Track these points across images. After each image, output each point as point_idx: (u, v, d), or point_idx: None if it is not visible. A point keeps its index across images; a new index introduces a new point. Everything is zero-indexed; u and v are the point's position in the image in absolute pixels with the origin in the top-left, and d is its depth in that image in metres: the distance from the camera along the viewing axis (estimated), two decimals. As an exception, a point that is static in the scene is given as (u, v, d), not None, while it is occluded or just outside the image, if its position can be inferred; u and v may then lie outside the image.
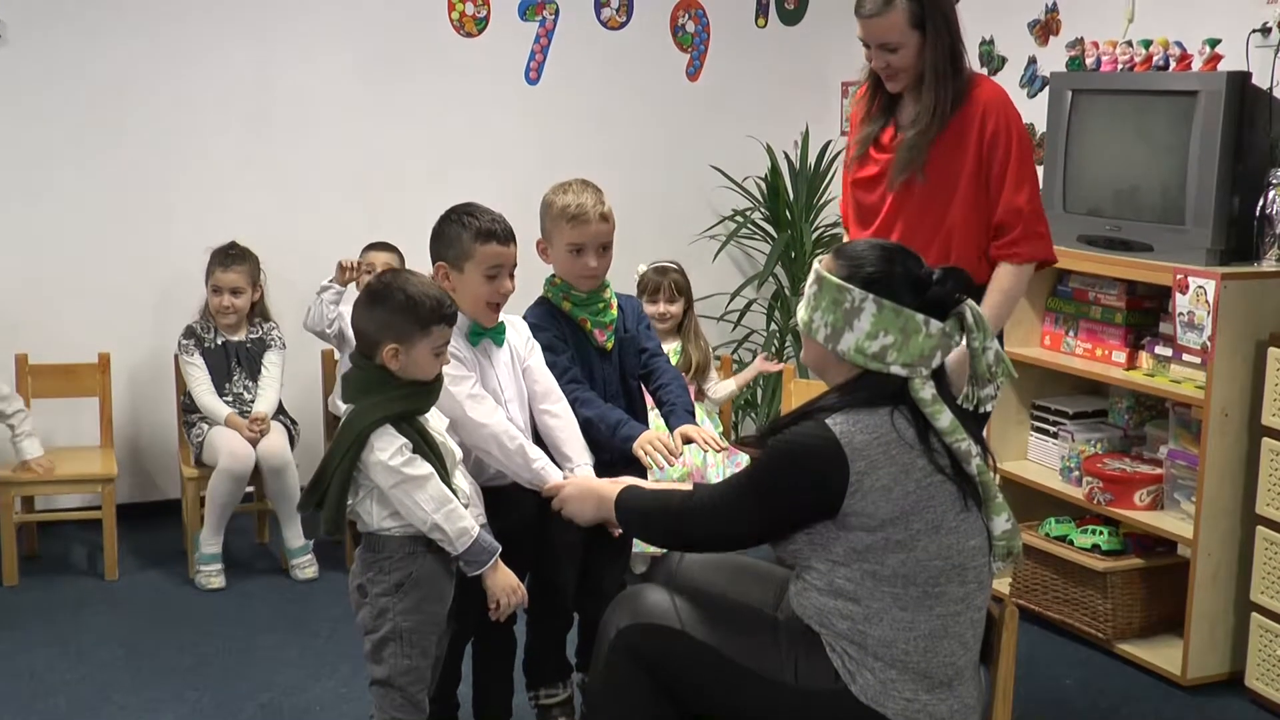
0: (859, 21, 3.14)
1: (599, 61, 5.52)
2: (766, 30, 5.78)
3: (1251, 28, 3.80)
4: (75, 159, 4.85)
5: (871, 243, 2.45)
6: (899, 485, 2.25)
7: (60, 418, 4.81)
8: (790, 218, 5.52)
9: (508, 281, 2.91)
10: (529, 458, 2.88)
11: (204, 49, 4.96)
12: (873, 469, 2.24)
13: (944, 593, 2.29)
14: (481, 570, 2.74)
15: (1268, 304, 3.60)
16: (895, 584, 2.27)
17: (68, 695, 3.61)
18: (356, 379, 2.72)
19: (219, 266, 4.56)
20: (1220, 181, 3.63)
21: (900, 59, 3.13)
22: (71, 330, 4.84)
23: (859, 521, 2.27)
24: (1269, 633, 3.54)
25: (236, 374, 4.58)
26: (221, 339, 4.58)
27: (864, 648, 2.29)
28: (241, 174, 5.05)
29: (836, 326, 2.35)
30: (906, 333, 2.32)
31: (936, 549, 2.27)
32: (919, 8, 3.07)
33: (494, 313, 2.93)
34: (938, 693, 2.30)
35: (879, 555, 2.27)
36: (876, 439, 2.26)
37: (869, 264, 2.35)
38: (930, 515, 2.27)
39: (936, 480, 2.28)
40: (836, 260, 2.39)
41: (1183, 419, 3.84)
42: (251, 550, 4.79)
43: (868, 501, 2.25)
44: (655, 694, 2.42)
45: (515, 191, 4.05)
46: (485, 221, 2.88)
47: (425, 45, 5.25)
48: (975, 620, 2.36)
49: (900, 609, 2.28)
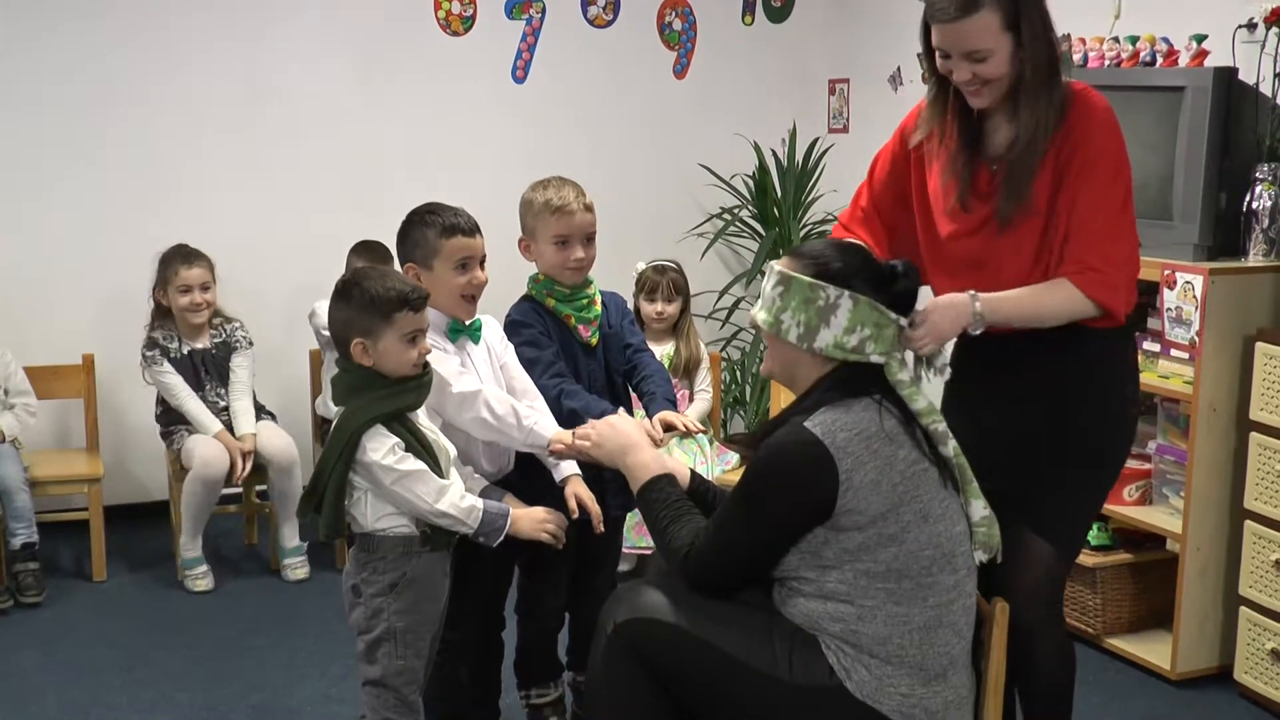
0: (935, 28, 2.59)
1: (586, 60, 5.51)
2: (753, 28, 5.79)
3: (1237, 23, 3.80)
4: (61, 160, 4.83)
5: (828, 241, 2.48)
6: (885, 478, 2.26)
7: (46, 419, 4.79)
8: (778, 215, 5.52)
9: (479, 272, 2.92)
10: (520, 416, 2.86)
11: (191, 50, 4.94)
12: (859, 465, 2.25)
13: (936, 583, 2.30)
14: (504, 535, 2.74)
15: (1255, 299, 3.61)
16: (889, 580, 2.28)
17: (57, 696, 3.60)
18: (343, 381, 2.71)
19: (182, 265, 4.48)
20: (1207, 177, 3.63)
21: (990, 68, 2.57)
22: (57, 332, 4.82)
23: (851, 520, 2.27)
24: (1257, 627, 3.55)
25: (207, 384, 4.52)
26: (187, 347, 4.50)
27: (858, 646, 2.30)
28: (228, 174, 5.04)
29: (811, 325, 2.35)
30: (880, 325, 2.36)
31: (927, 538, 2.29)
32: (1013, 5, 2.54)
33: (470, 305, 2.94)
34: (933, 685, 2.31)
35: (872, 552, 2.27)
36: (857, 434, 2.27)
37: (835, 260, 2.38)
38: (918, 505, 2.28)
39: (920, 468, 2.30)
40: (799, 260, 2.40)
41: (1170, 414, 3.85)
42: (240, 552, 4.78)
43: (859, 498, 2.25)
44: (652, 689, 2.42)
45: (502, 190, 4.03)
46: (448, 217, 2.90)
47: (411, 44, 5.25)
48: (967, 607, 2.37)
49: (895, 604, 2.28)
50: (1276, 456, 3.45)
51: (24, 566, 4.21)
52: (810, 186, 5.56)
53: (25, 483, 4.28)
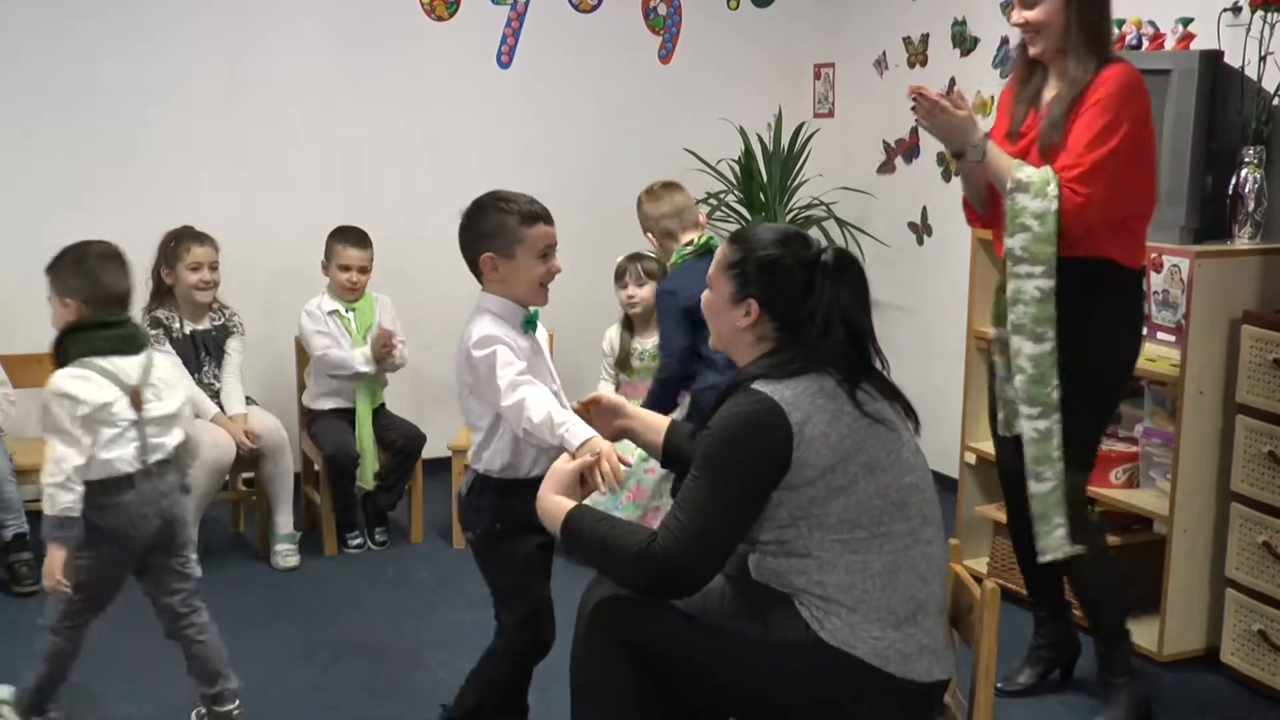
0: None
1: (571, 45, 5.49)
2: (739, 12, 5.77)
3: (1222, 7, 3.81)
4: (41, 145, 4.80)
5: (769, 227, 2.55)
6: (834, 430, 2.33)
7: (30, 407, 4.75)
8: (764, 200, 5.51)
9: (556, 260, 2.92)
10: (554, 423, 2.73)
11: (173, 34, 4.91)
12: (808, 418, 2.32)
13: (889, 531, 2.36)
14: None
15: (1241, 282, 3.62)
16: (841, 530, 2.34)
17: (43, 687, 3.57)
18: None
19: (194, 243, 4.47)
20: (1194, 160, 3.64)
21: (1040, 14, 3.10)
22: (40, 318, 4.76)
23: (803, 475, 2.32)
24: (1244, 608, 3.56)
25: (206, 364, 4.53)
26: (189, 328, 4.51)
27: (826, 597, 2.36)
28: (211, 160, 5.01)
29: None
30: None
31: (875, 489, 2.35)
32: None
33: (546, 294, 2.94)
34: (904, 629, 2.36)
35: (822, 505, 2.33)
36: (803, 390, 2.35)
37: (761, 247, 2.45)
38: (864, 458, 2.34)
39: (865, 423, 2.36)
40: (731, 245, 2.50)
41: (1158, 397, 3.86)
42: (227, 539, 4.76)
43: (811, 450, 2.31)
44: (634, 666, 2.45)
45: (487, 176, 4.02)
46: (524, 204, 2.88)
47: (395, 29, 5.22)
48: (928, 554, 2.41)
49: (851, 553, 2.34)
50: (1263, 438, 3.47)
51: (18, 557, 4.18)
52: (796, 171, 5.55)
53: (12, 473, 4.25)
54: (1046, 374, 3.14)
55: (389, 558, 4.60)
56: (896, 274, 5.41)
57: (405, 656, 3.80)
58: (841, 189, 5.53)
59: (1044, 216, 3.07)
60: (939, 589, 2.45)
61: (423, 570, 4.47)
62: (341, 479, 4.55)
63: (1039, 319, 3.13)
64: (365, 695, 3.56)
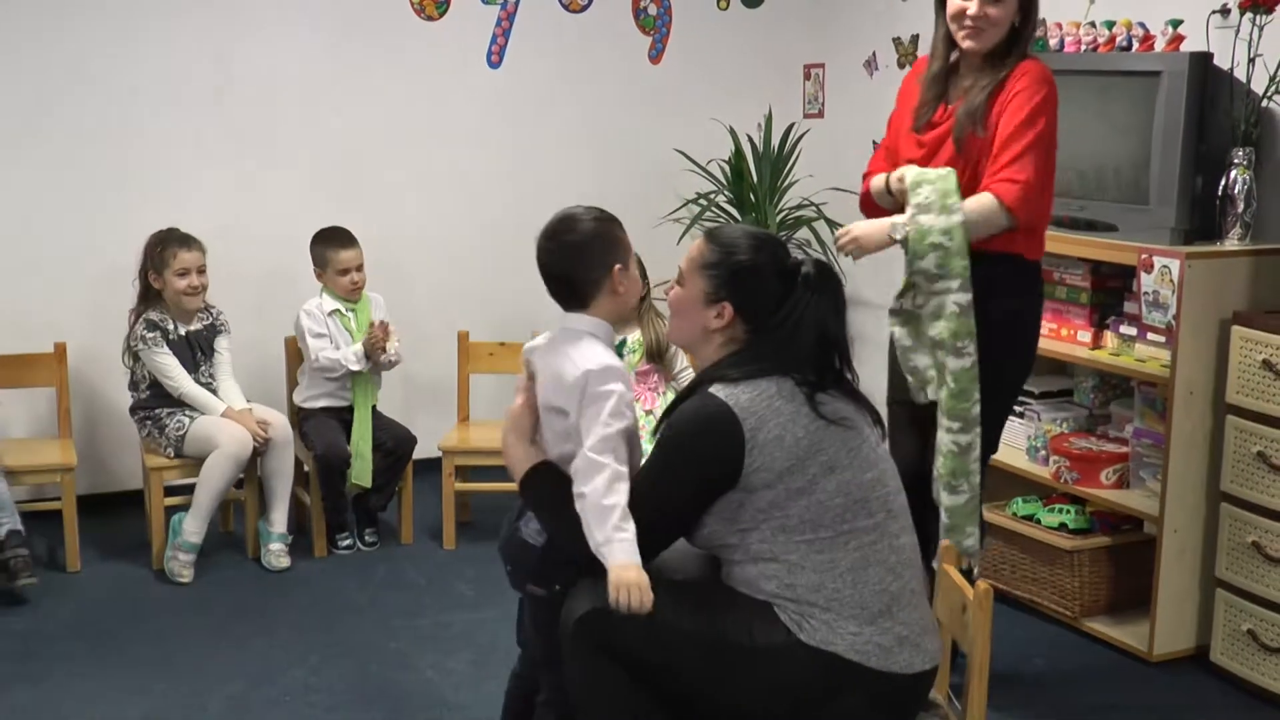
0: None
1: (561, 45, 5.48)
2: (729, 13, 5.77)
3: (1212, 8, 3.82)
4: (28, 144, 4.76)
5: (745, 229, 2.58)
6: (789, 433, 2.36)
7: (17, 408, 4.74)
8: (754, 200, 5.51)
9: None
10: (609, 528, 2.42)
11: (160, 31, 4.88)
12: (763, 424, 2.36)
13: (854, 528, 2.39)
14: None
15: (1231, 283, 3.63)
16: (804, 531, 2.37)
17: (30, 688, 3.56)
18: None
19: (180, 247, 4.45)
20: (1184, 161, 3.65)
21: (1001, 12, 3.19)
22: (27, 319, 4.76)
23: (760, 479, 2.36)
24: (1234, 608, 3.57)
25: (202, 364, 4.53)
26: (184, 329, 4.51)
27: (799, 600, 2.39)
28: (199, 158, 4.98)
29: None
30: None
31: (835, 487, 2.38)
32: None
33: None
34: (880, 622, 2.39)
35: (783, 507, 2.37)
36: (759, 394, 2.39)
37: (740, 251, 2.49)
38: (823, 457, 2.38)
39: (821, 424, 2.39)
40: (709, 244, 2.53)
41: (1148, 397, 3.87)
42: (217, 539, 4.73)
43: (765, 455, 2.35)
44: (627, 678, 2.45)
45: (477, 176, 4.04)
46: (615, 229, 2.69)
47: (385, 29, 5.20)
48: (895, 547, 2.44)
49: (817, 553, 2.38)
50: (1253, 439, 3.47)
51: (14, 553, 4.16)
52: (786, 172, 5.54)
53: (2, 473, 4.24)
54: (968, 388, 3.21)
55: (379, 559, 4.59)
56: (887, 274, 5.40)
57: (395, 658, 3.78)
58: (832, 189, 5.52)
59: (951, 231, 3.15)
60: (913, 580, 2.47)
61: (413, 571, 4.46)
62: (332, 479, 4.54)
63: (958, 333, 3.19)
64: (355, 696, 3.55)
